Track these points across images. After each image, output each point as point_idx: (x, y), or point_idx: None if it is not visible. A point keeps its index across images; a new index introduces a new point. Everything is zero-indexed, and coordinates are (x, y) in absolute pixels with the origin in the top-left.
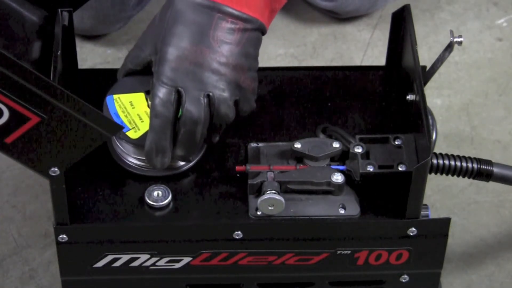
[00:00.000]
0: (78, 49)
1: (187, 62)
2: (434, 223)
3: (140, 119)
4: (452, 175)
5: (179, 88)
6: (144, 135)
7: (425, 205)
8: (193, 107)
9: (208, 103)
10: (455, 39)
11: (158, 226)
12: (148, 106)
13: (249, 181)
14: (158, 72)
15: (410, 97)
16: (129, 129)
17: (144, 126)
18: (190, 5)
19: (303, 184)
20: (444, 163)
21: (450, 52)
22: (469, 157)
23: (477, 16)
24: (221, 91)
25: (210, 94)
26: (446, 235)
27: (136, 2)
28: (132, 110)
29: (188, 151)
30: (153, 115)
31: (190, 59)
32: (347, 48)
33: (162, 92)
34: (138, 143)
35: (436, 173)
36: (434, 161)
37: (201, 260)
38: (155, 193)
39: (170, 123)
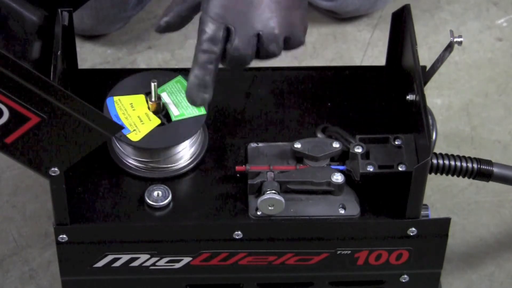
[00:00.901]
0: (78, 49)
1: (237, 0)
2: (434, 223)
3: (141, 121)
4: (452, 175)
5: (229, 26)
6: (145, 138)
7: (425, 205)
8: (243, 46)
9: (257, 42)
10: (455, 39)
11: (158, 226)
12: (149, 108)
13: (249, 181)
14: (207, 8)
15: (410, 97)
16: (130, 132)
17: (144, 128)
18: None
19: (303, 184)
20: (444, 163)
21: (450, 52)
22: (469, 157)
23: (477, 16)
24: (272, 30)
25: (260, 32)
26: (446, 235)
27: (136, 2)
28: (132, 112)
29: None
30: (200, 50)
31: None
32: (347, 48)
33: (210, 28)
34: (139, 146)
35: (436, 173)
36: (434, 161)
37: (201, 260)
38: (155, 193)
39: (216, 59)
